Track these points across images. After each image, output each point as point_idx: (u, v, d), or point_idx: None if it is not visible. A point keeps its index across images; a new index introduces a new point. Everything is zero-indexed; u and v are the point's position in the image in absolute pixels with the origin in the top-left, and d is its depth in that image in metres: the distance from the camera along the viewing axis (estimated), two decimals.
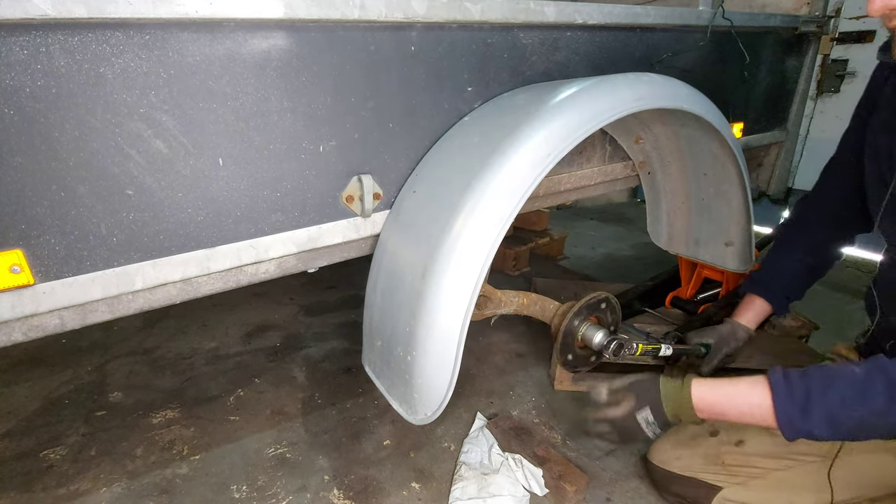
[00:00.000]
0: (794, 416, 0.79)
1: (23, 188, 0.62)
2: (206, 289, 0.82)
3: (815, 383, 0.80)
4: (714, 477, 1.11)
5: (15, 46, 0.58)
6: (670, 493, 1.18)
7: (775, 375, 0.84)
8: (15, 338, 0.69)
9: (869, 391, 0.76)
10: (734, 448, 1.11)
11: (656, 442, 1.24)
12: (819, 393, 0.79)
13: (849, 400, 0.76)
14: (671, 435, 1.23)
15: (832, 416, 0.77)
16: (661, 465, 1.19)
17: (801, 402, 0.79)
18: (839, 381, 0.79)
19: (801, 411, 0.79)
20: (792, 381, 0.82)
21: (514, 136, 0.81)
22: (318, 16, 0.74)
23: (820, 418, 0.78)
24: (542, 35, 1.00)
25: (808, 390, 0.80)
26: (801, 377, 0.82)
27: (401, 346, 0.85)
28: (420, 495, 1.25)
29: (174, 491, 1.26)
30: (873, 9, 0.80)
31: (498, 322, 1.25)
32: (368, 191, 0.88)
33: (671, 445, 1.20)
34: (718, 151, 1.16)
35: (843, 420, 0.77)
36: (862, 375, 0.77)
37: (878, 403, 0.75)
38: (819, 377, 0.81)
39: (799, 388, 0.80)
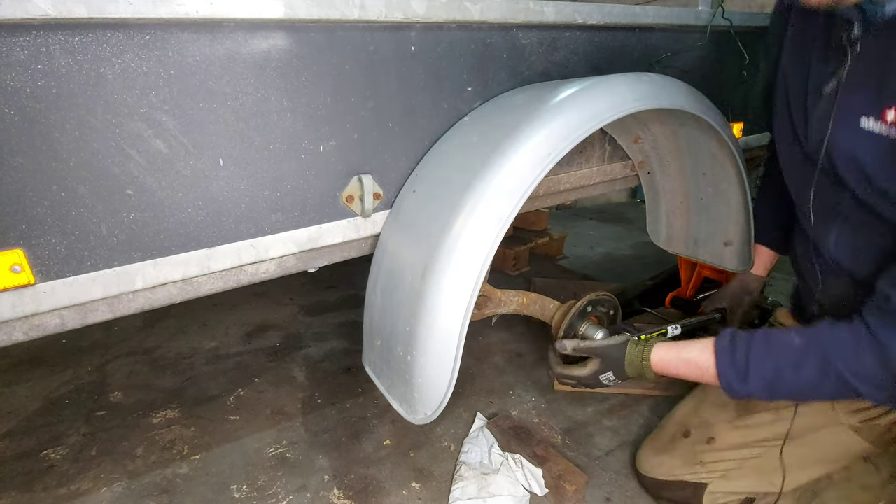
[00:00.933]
0: (734, 382, 0.86)
1: (23, 188, 0.62)
2: (206, 288, 0.82)
3: (756, 352, 0.85)
4: (696, 476, 1.14)
5: (15, 47, 0.58)
6: (663, 498, 1.20)
7: (722, 342, 0.89)
8: (16, 337, 0.69)
9: (803, 365, 0.80)
10: (706, 446, 1.14)
11: (641, 449, 1.28)
12: (757, 362, 0.84)
13: (784, 371, 0.81)
14: (650, 442, 1.27)
15: (769, 384, 0.83)
16: (648, 473, 1.22)
17: (741, 370, 0.85)
18: (778, 351, 0.83)
19: (741, 378, 0.85)
20: (736, 347, 0.87)
21: (513, 136, 0.81)
22: (318, 16, 0.74)
23: (757, 385, 0.83)
24: (541, 35, 1.01)
25: (748, 359, 0.85)
26: (745, 344, 0.86)
27: (401, 345, 0.85)
28: (420, 495, 1.25)
29: (174, 491, 1.26)
30: None
31: (498, 322, 1.26)
32: (368, 191, 0.88)
33: (652, 453, 1.23)
34: (718, 151, 1.16)
35: (779, 387, 0.82)
36: (800, 348, 0.82)
37: (811, 377, 0.79)
38: (761, 345, 0.85)
39: (741, 355, 0.86)
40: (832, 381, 0.78)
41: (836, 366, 0.78)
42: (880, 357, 0.75)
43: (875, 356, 0.76)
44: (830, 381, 0.79)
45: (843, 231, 0.93)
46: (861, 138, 0.78)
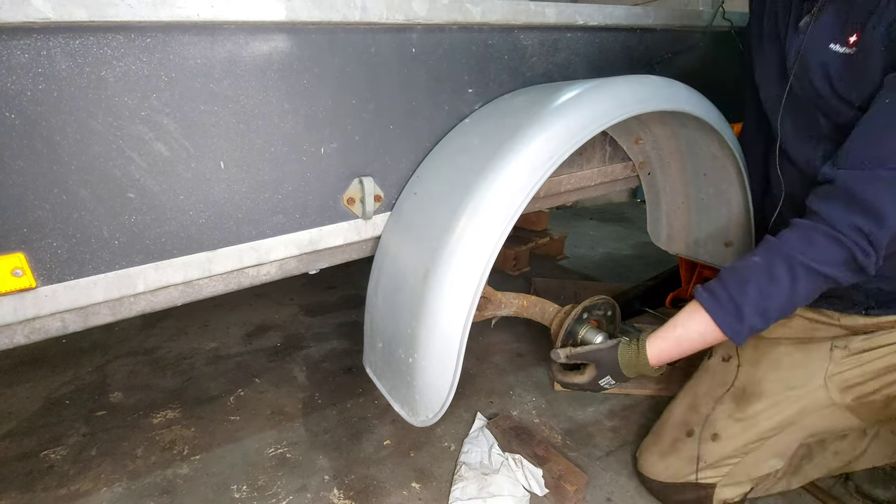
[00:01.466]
0: (734, 324, 0.88)
1: (25, 192, 0.62)
2: (207, 291, 0.82)
3: (733, 287, 0.88)
4: (703, 476, 1.14)
5: (16, 50, 0.58)
6: (672, 501, 1.19)
7: (702, 297, 0.92)
8: (17, 340, 0.69)
9: (775, 275, 0.85)
10: (712, 444, 1.14)
11: (643, 453, 1.27)
12: (739, 293, 0.87)
13: (764, 289, 0.86)
14: (652, 445, 1.26)
15: (759, 308, 0.86)
16: (655, 477, 1.21)
17: (732, 310, 0.88)
18: (748, 275, 0.88)
19: (736, 317, 0.87)
20: (716, 293, 0.90)
21: (515, 139, 0.81)
22: (319, 18, 0.74)
23: (751, 314, 0.86)
24: (542, 36, 1.01)
25: (730, 294, 0.88)
26: (722, 287, 0.90)
27: (402, 348, 0.86)
28: (420, 495, 1.25)
29: (175, 491, 1.27)
30: None
31: (498, 322, 1.26)
32: (369, 193, 0.88)
33: (657, 456, 1.22)
34: (718, 152, 1.16)
35: (768, 307, 0.86)
36: (763, 263, 0.87)
37: (785, 283, 0.84)
38: (733, 280, 0.89)
39: (724, 298, 0.89)
40: (802, 278, 0.83)
41: (799, 259, 0.83)
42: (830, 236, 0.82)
43: (825, 237, 0.82)
44: (801, 279, 0.83)
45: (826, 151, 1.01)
46: (830, 56, 0.93)
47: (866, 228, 0.79)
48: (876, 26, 0.85)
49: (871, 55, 0.86)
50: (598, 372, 1.02)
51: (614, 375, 1.01)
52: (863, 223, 0.80)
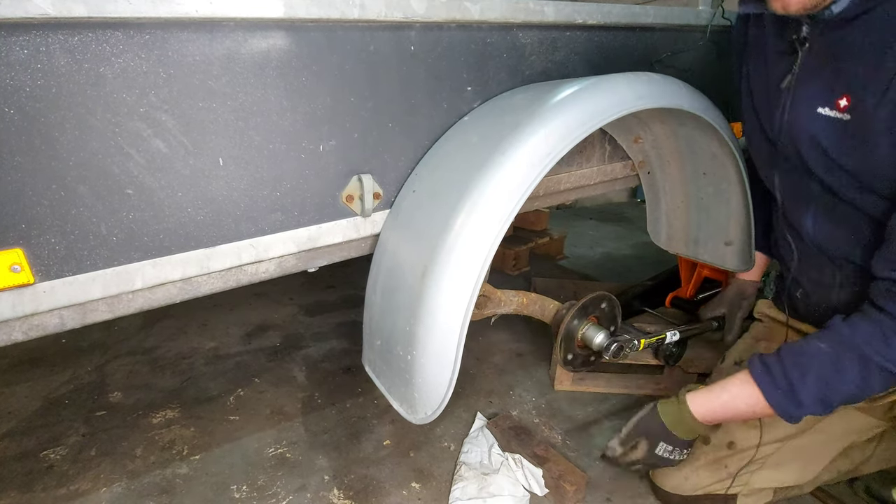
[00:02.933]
0: (790, 409, 0.86)
1: (23, 187, 0.62)
2: (205, 288, 0.82)
3: (793, 371, 0.85)
4: (723, 485, 1.11)
5: (15, 46, 0.58)
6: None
7: (757, 371, 0.89)
8: (15, 337, 0.69)
9: (843, 368, 0.81)
10: (728, 451, 1.12)
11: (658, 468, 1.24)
12: (800, 380, 0.84)
13: (829, 380, 0.82)
14: None
15: (821, 397, 0.83)
16: (675, 490, 1.17)
17: (787, 391, 0.85)
18: (813, 363, 0.84)
19: (793, 401, 0.85)
20: (773, 373, 0.87)
21: (513, 136, 0.81)
22: (317, 15, 0.74)
23: (811, 402, 0.84)
24: (541, 35, 1.01)
25: (789, 380, 0.85)
26: (780, 365, 0.88)
27: (401, 345, 0.85)
28: (420, 495, 1.25)
29: (174, 491, 1.26)
30: None
31: (498, 322, 1.26)
32: (368, 190, 0.88)
33: (675, 467, 1.20)
34: (718, 151, 1.16)
35: (832, 397, 0.83)
36: (832, 353, 0.83)
37: (855, 378, 0.81)
38: (794, 363, 0.86)
39: (781, 378, 0.86)
40: (875, 376, 0.80)
41: (874, 359, 0.79)
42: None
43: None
44: (874, 376, 0.80)
45: (817, 214, 1.00)
46: (819, 122, 0.89)
47: None
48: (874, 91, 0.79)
49: (871, 120, 0.80)
50: (650, 442, 1.02)
51: (668, 440, 1.00)
52: None
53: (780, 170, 1.03)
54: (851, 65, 0.83)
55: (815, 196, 0.97)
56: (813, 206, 0.99)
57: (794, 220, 1.06)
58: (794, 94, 0.93)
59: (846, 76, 0.84)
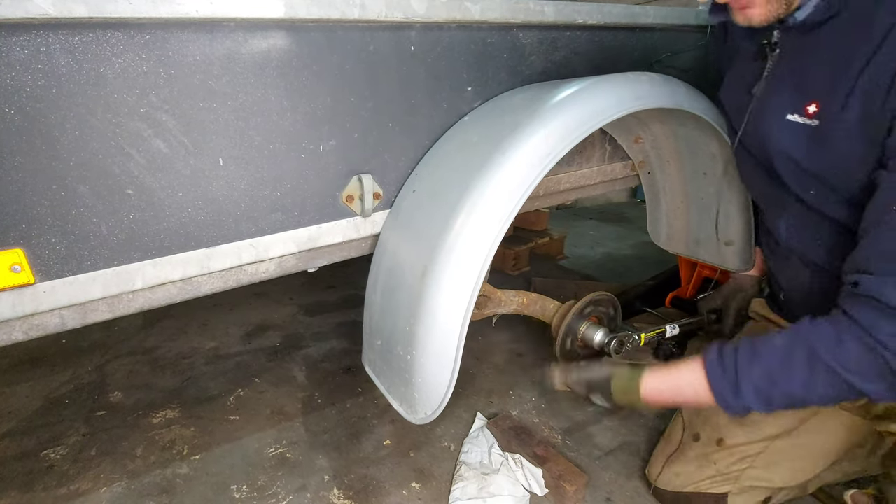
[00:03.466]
0: (728, 395, 0.81)
1: (24, 188, 0.62)
2: (206, 288, 0.82)
3: (742, 359, 0.81)
4: (712, 483, 1.12)
5: (16, 46, 0.58)
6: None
7: (709, 357, 0.86)
8: (15, 337, 0.69)
9: (792, 362, 0.77)
10: (718, 448, 1.12)
11: (652, 461, 1.26)
12: (746, 369, 0.80)
13: (774, 374, 0.78)
14: (661, 453, 1.24)
15: (761, 391, 0.79)
16: (666, 486, 1.18)
17: (732, 380, 0.81)
18: (764, 354, 0.80)
19: (733, 389, 0.81)
20: (724, 358, 0.83)
21: (513, 136, 0.81)
22: (318, 15, 0.74)
23: (750, 394, 0.79)
24: (541, 35, 1.01)
25: (736, 368, 0.81)
26: (732, 354, 0.83)
27: (401, 345, 0.85)
28: (420, 495, 1.25)
29: (174, 491, 1.26)
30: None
31: (498, 322, 1.26)
32: (368, 190, 0.88)
33: (665, 463, 1.21)
34: (718, 151, 1.16)
35: (773, 394, 0.78)
36: (784, 347, 0.79)
37: (801, 375, 0.76)
38: (745, 352, 0.82)
39: (730, 364, 0.82)
40: (822, 377, 0.75)
41: (823, 357, 0.75)
42: (864, 342, 0.72)
43: (858, 342, 0.73)
44: (821, 377, 0.75)
45: (789, 219, 1.00)
46: (788, 129, 0.88)
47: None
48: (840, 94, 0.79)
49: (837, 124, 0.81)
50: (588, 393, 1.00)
51: (607, 400, 0.97)
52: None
53: (755, 176, 1.04)
54: (819, 70, 0.84)
55: (787, 202, 0.98)
56: (785, 211, 1.00)
57: (770, 224, 1.07)
58: (763, 101, 0.93)
59: (814, 81, 0.84)
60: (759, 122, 0.95)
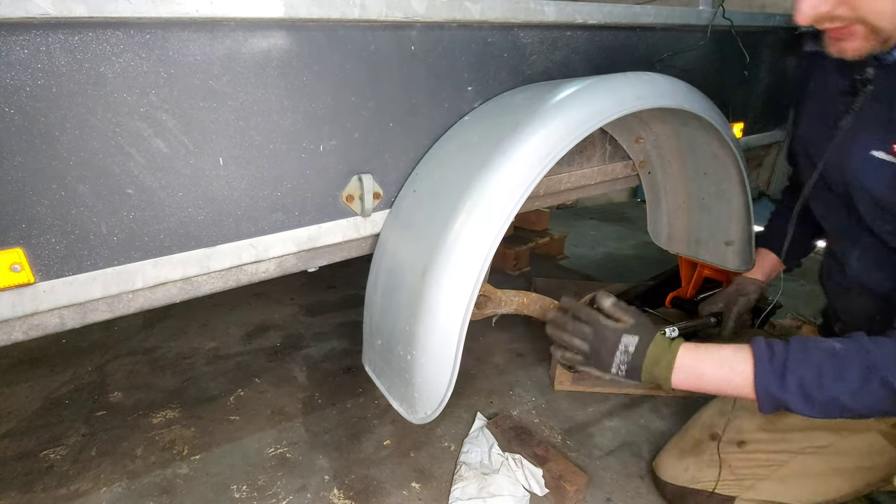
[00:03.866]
0: (771, 384, 0.79)
1: (23, 187, 0.62)
2: (206, 288, 0.82)
3: (795, 354, 0.80)
4: (723, 485, 1.09)
5: (15, 46, 0.58)
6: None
7: (759, 344, 0.83)
8: (15, 337, 0.69)
9: (845, 369, 0.76)
10: (737, 450, 1.10)
11: (662, 454, 1.24)
12: (796, 363, 0.79)
13: (825, 374, 0.77)
14: (673, 446, 1.23)
15: (806, 388, 0.77)
16: (672, 480, 1.16)
17: (779, 370, 0.79)
18: (818, 354, 0.79)
19: (778, 379, 0.79)
20: (774, 349, 0.82)
21: (514, 135, 0.81)
22: (318, 15, 0.74)
23: (795, 388, 0.78)
24: (542, 34, 1.01)
25: (785, 359, 0.80)
26: (783, 347, 0.82)
27: (401, 345, 0.85)
28: (420, 495, 1.25)
29: (175, 491, 1.26)
30: (802, 18, 0.81)
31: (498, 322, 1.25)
32: (368, 190, 0.88)
33: (676, 457, 1.19)
34: (719, 151, 1.16)
35: (817, 394, 0.77)
36: (841, 353, 0.78)
37: (852, 383, 0.75)
38: (798, 349, 0.81)
39: (779, 356, 0.81)
40: (874, 389, 0.75)
41: (881, 373, 0.74)
42: None
43: None
44: (873, 390, 0.75)
45: (863, 254, 1.00)
46: (872, 166, 0.88)
47: None
48: None
49: None
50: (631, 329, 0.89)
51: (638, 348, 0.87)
52: None
53: (831, 207, 1.04)
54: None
55: (861, 236, 0.98)
56: (859, 246, 1.00)
57: (840, 255, 1.06)
58: (850, 136, 0.93)
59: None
60: (843, 156, 0.94)
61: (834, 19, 0.80)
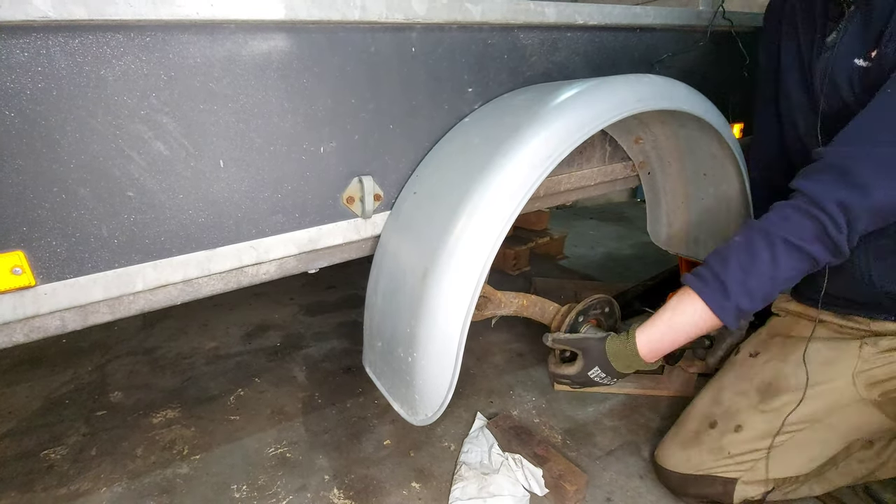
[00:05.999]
0: (722, 302, 0.88)
1: (24, 190, 0.62)
2: (206, 290, 0.82)
3: (716, 264, 0.90)
4: (725, 469, 1.12)
5: (16, 49, 0.58)
6: (690, 495, 1.17)
7: (690, 279, 0.93)
8: (16, 339, 0.69)
9: (755, 251, 0.87)
10: (735, 436, 1.12)
11: (663, 445, 1.25)
12: (723, 269, 0.88)
13: (745, 266, 0.87)
14: (673, 437, 1.24)
15: (744, 286, 0.87)
16: (675, 469, 1.18)
17: (718, 287, 0.88)
18: (729, 253, 0.89)
19: (723, 294, 0.88)
20: (702, 275, 0.91)
21: (514, 138, 0.81)
22: (318, 17, 0.74)
23: (737, 292, 0.87)
24: (542, 36, 1.01)
25: (714, 273, 0.89)
26: (706, 267, 0.92)
27: (401, 347, 0.86)
28: (420, 495, 1.25)
29: (175, 491, 1.27)
30: None
31: (498, 322, 1.26)
32: (369, 192, 0.88)
33: (678, 447, 1.20)
34: (718, 152, 1.16)
35: (752, 286, 0.86)
36: (743, 240, 0.89)
37: (765, 258, 0.86)
38: (716, 260, 0.91)
39: (710, 276, 0.90)
40: (783, 253, 0.85)
41: (777, 234, 0.85)
42: (802, 209, 0.85)
43: (798, 210, 0.85)
44: (782, 254, 0.85)
45: None
46: (854, 70, 0.99)
47: (847, 201, 0.81)
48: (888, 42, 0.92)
49: (885, 66, 0.92)
50: (586, 362, 1.02)
51: (604, 367, 1.01)
52: (846, 196, 0.82)
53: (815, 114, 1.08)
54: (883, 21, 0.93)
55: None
56: None
57: None
58: (836, 48, 1.01)
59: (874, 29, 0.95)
60: (834, 72, 1.02)
61: None
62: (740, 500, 1.12)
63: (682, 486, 1.18)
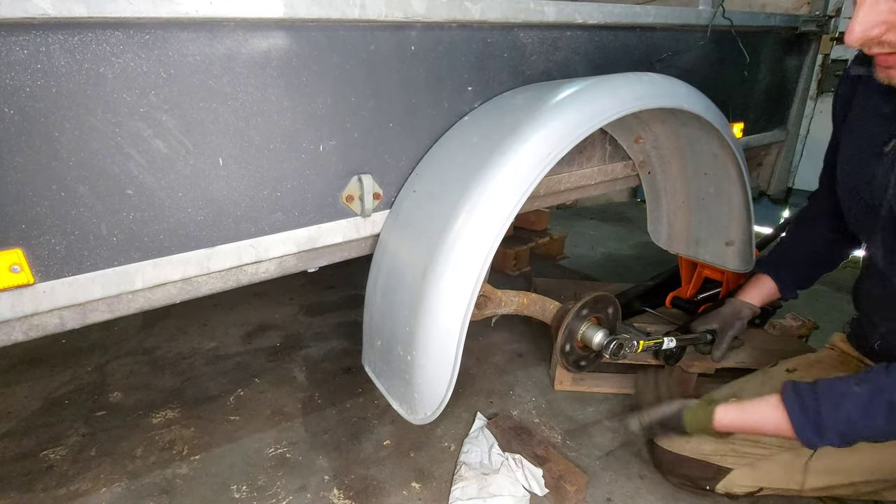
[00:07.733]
0: (812, 436, 0.91)
1: (23, 188, 0.62)
2: (206, 288, 0.82)
3: (825, 404, 0.91)
4: (723, 458, 1.12)
5: (15, 46, 0.58)
6: (677, 475, 1.19)
7: (787, 397, 0.95)
8: (15, 337, 0.69)
9: (871, 413, 0.87)
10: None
11: None
12: (829, 414, 0.90)
13: (855, 420, 0.88)
14: None
15: (842, 433, 0.89)
16: (671, 448, 1.19)
17: (815, 423, 0.91)
18: (845, 402, 0.89)
19: (817, 431, 0.91)
20: (805, 401, 0.93)
21: (513, 136, 0.81)
22: (318, 15, 0.74)
23: (833, 435, 0.89)
24: (541, 34, 1.00)
25: (818, 411, 0.90)
26: (812, 396, 0.92)
27: (401, 346, 0.85)
28: (420, 495, 1.25)
29: (174, 491, 1.26)
30: (852, 39, 0.81)
31: (498, 322, 1.26)
32: (368, 190, 0.88)
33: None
34: (718, 151, 1.16)
35: (852, 434, 0.89)
36: (864, 396, 0.88)
37: (879, 423, 0.87)
38: (827, 398, 0.91)
39: (811, 408, 0.91)
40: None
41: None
42: None
43: None
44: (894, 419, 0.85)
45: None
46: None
47: None
48: None
49: None
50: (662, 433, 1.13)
51: (678, 430, 1.10)
52: None
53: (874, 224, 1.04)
54: None
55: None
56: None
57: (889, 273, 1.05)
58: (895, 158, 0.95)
59: None
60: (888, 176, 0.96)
61: (883, 44, 0.80)
62: (724, 490, 1.13)
63: (672, 465, 1.19)
